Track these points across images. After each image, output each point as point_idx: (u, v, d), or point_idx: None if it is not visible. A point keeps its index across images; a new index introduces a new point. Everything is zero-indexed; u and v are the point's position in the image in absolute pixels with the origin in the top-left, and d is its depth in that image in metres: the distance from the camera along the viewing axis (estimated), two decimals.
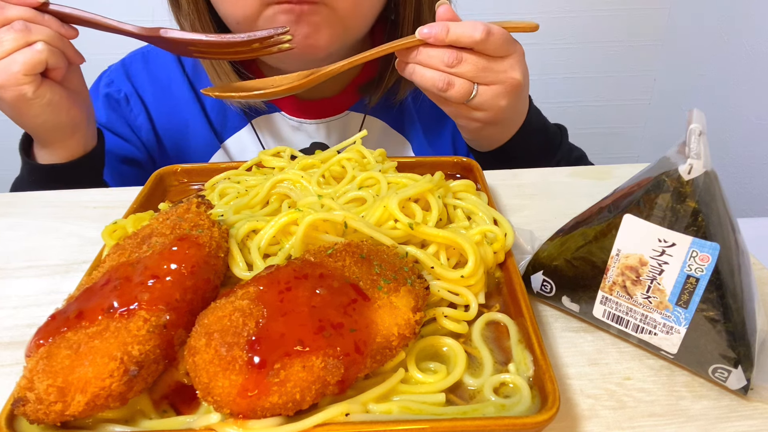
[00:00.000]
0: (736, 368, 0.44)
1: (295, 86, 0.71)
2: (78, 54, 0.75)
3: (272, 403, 0.37)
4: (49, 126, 0.76)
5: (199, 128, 0.97)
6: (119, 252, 0.47)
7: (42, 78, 0.71)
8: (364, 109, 0.98)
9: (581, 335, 0.52)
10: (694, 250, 0.43)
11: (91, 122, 0.83)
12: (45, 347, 0.39)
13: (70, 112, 0.76)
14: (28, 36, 0.68)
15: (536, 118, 0.87)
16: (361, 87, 0.97)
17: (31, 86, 0.69)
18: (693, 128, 0.43)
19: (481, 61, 0.69)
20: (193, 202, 0.52)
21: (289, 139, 0.98)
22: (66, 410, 0.37)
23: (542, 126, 0.89)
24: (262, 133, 0.98)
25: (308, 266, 0.44)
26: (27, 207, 0.71)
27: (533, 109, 0.86)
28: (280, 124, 0.98)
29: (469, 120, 0.76)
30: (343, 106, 0.98)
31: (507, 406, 0.42)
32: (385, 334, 0.42)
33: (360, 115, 0.98)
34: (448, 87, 0.70)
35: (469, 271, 0.49)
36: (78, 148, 0.81)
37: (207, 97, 0.96)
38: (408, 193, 0.54)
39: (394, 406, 0.40)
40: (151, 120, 0.97)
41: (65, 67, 0.73)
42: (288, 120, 0.97)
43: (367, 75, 0.97)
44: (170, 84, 0.97)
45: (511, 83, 0.71)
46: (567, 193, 0.74)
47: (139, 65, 0.98)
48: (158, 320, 0.40)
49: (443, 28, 0.68)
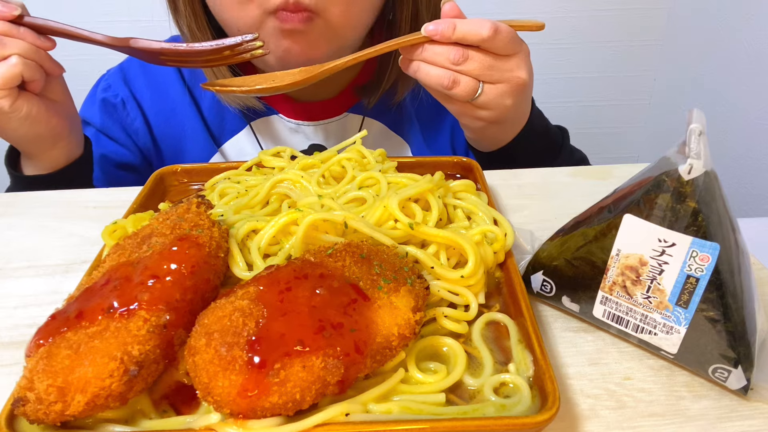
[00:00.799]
0: (736, 368, 0.44)
1: (297, 81, 0.70)
2: (57, 65, 0.75)
3: (272, 403, 0.37)
4: (30, 138, 0.76)
5: (197, 132, 0.97)
6: (119, 252, 0.47)
7: (19, 91, 0.71)
8: (363, 110, 0.98)
9: (581, 335, 0.52)
10: (694, 250, 0.43)
11: (76, 132, 0.83)
12: (45, 347, 0.39)
13: (49, 123, 0.76)
14: (2, 50, 0.68)
15: (538, 120, 0.86)
16: (358, 89, 0.97)
17: (6, 100, 0.70)
18: (693, 128, 0.43)
19: (488, 59, 0.69)
20: (193, 202, 0.52)
21: (287, 141, 0.98)
22: (66, 410, 0.37)
23: (544, 128, 0.89)
24: (260, 136, 0.98)
25: (308, 266, 0.44)
26: (27, 207, 0.71)
27: (535, 110, 0.86)
28: (278, 127, 0.98)
29: (474, 119, 0.76)
30: (341, 108, 0.98)
31: (507, 406, 0.42)
32: (385, 334, 0.42)
33: (358, 117, 0.98)
34: (454, 85, 0.69)
35: (469, 271, 0.49)
36: (60, 158, 0.81)
37: (204, 101, 0.96)
38: (408, 193, 0.54)
39: (394, 406, 0.40)
40: (148, 124, 0.97)
41: (42, 79, 0.73)
42: (286, 122, 0.97)
43: (364, 77, 0.97)
44: (167, 88, 0.97)
45: (517, 82, 0.71)
46: (567, 193, 0.74)
47: (136, 69, 0.98)
48: (158, 320, 0.40)
49: (450, 25, 0.67)
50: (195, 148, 0.97)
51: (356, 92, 0.97)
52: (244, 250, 0.52)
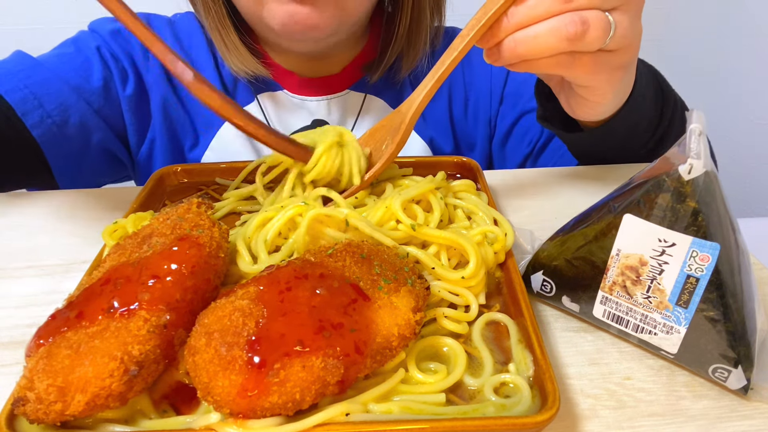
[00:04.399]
0: (736, 368, 0.44)
1: None
2: None
3: (272, 403, 0.37)
4: None
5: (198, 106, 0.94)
6: (120, 252, 0.47)
7: None
8: (365, 88, 0.98)
9: (581, 335, 0.52)
10: (694, 250, 0.43)
11: None
12: (45, 347, 0.39)
13: None
14: None
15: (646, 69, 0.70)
16: (364, 65, 0.96)
17: None
18: (693, 128, 0.43)
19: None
20: (193, 203, 0.52)
21: (291, 115, 0.97)
22: (66, 410, 0.37)
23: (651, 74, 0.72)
24: (267, 110, 0.97)
25: (308, 266, 0.44)
26: (27, 207, 0.71)
27: None
28: (283, 101, 0.97)
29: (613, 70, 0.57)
30: (344, 85, 0.97)
31: (507, 406, 0.42)
32: (385, 334, 0.42)
33: (360, 94, 0.98)
34: (584, 27, 0.50)
35: (470, 272, 0.49)
36: None
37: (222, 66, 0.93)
38: (411, 194, 0.54)
39: (395, 406, 0.40)
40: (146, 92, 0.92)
41: None
42: (290, 97, 0.97)
43: (368, 53, 0.97)
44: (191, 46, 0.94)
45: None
46: (567, 193, 0.74)
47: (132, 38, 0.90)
48: (158, 320, 0.40)
49: None
50: (201, 117, 0.94)
51: (361, 69, 0.96)
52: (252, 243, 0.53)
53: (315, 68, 0.96)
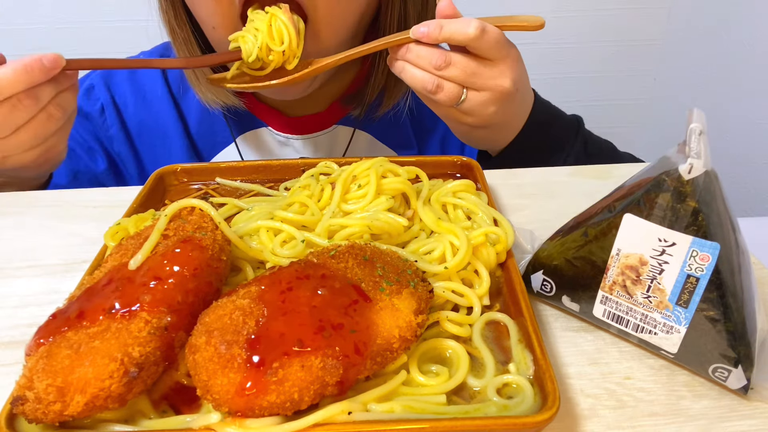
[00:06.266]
0: (737, 368, 0.44)
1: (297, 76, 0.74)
2: None
3: (270, 402, 0.37)
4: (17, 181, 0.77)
5: (180, 145, 0.96)
6: (121, 252, 0.47)
7: None
8: (352, 122, 0.97)
9: (581, 335, 0.52)
10: (695, 250, 0.43)
11: None
12: (45, 346, 0.39)
13: None
14: None
15: (543, 114, 0.83)
16: (346, 98, 0.96)
17: None
18: (693, 128, 0.43)
19: (471, 65, 0.68)
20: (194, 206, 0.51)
21: (275, 155, 0.97)
22: (65, 410, 0.37)
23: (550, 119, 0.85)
24: (249, 150, 0.97)
25: (310, 267, 0.44)
26: (27, 207, 0.71)
27: (538, 105, 0.82)
28: (266, 140, 0.97)
29: (459, 123, 0.75)
30: (331, 121, 0.97)
31: (510, 406, 0.41)
32: (386, 335, 0.42)
33: (348, 129, 0.97)
34: (438, 90, 0.68)
35: (454, 263, 0.50)
36: None
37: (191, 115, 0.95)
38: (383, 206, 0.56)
39: (396, 405, 0.40)
40: (127, 131, 0.96)
41: None
42: (275, 135, 0.96)
43: (354, 89, 0.96)
44: (152, 99, 0.96)
45: (501, 90, 0.70)
46: (567, 193, 0.74)
47: (123, 74, 0.96)
48: (159, 322, 0.40)
49: (436, 26, 0.66)
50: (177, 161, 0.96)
51: (344, 102, 0.96)
52: None
53: (301, 106, 0.95)
